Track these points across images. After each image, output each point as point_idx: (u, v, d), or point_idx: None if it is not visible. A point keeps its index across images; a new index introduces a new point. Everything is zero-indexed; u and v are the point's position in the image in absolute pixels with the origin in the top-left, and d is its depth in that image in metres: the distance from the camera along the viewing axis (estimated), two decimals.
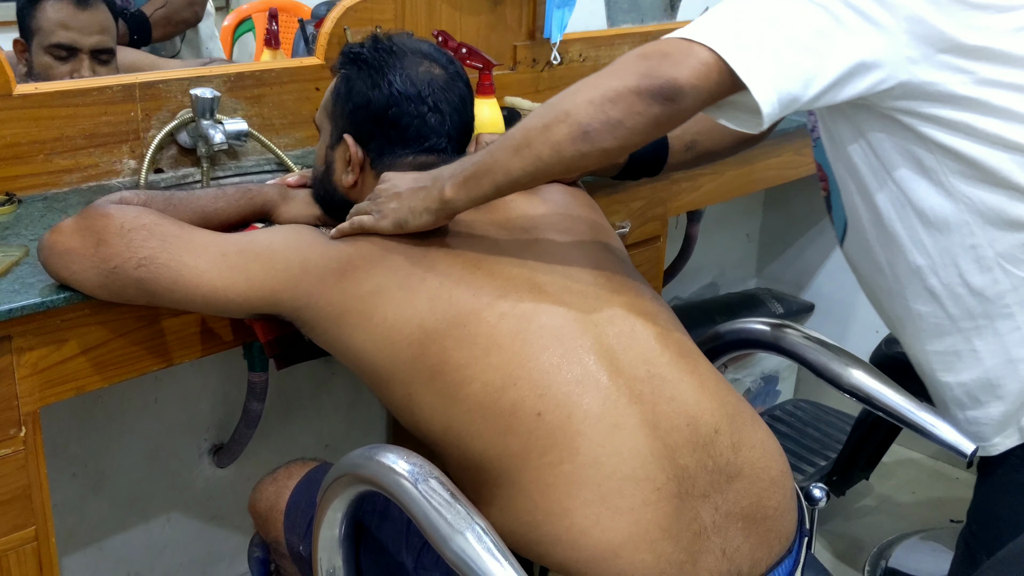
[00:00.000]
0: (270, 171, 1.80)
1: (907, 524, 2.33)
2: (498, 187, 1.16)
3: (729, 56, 1.05)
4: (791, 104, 1.09)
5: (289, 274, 1.23)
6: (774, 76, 1.07)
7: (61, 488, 1.73)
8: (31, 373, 1.27)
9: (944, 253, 1.26)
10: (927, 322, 1.33)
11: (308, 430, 2.08)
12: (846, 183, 1.33)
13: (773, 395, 2.67)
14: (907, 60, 1.13)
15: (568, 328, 1.15)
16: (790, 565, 1.17)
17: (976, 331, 1.29)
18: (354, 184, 1.36)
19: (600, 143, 1.08)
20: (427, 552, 1.15)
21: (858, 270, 1.44)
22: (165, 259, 1.21)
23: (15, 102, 1.52)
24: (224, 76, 1.73)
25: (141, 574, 1.91)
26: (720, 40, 1.06)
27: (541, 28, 2.17)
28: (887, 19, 1.10)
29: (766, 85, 1.06)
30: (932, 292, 1.30)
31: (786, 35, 1.08)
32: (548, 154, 1.10)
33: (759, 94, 1.06)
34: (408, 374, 1.17)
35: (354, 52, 1.35)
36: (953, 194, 1.22)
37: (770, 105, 1.07)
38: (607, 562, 1.05)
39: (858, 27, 1.10)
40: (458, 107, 1.35)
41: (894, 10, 1.11)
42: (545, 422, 1.09)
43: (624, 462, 1.07)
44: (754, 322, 1.53)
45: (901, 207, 1.27)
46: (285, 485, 1.37)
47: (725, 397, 1.19)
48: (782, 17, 1.09)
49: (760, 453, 1.17)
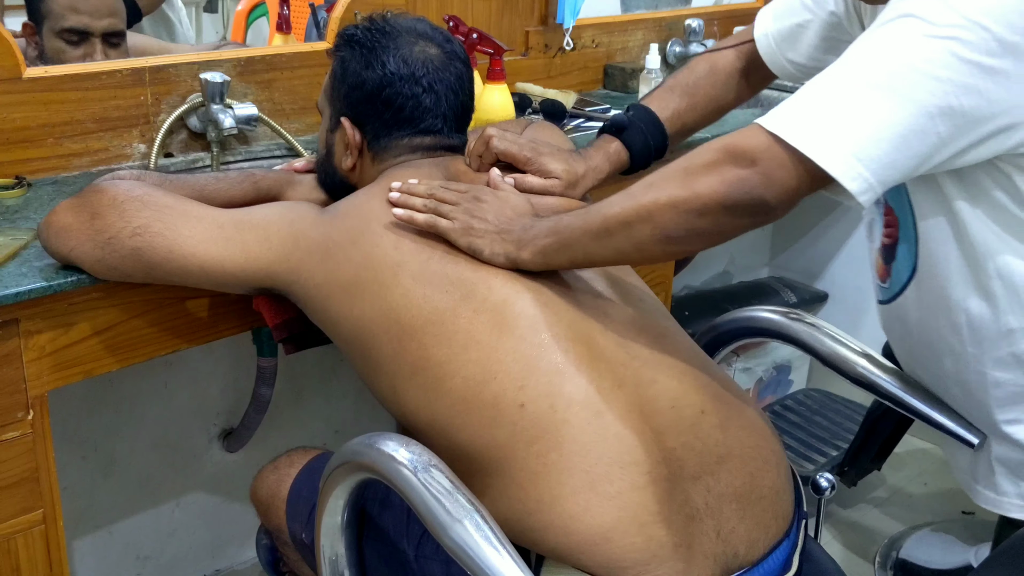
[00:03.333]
0: (280, 156, 1.80)
1: (918, 515, 2.32)
2: (574, 263, 1.17)
3: (827, 165, 0.99)
4: (899, 181, 1.05)
5: (283, 247, 1.23)
6: (877, 173, 1.00)
7: (71, 472, 1.74)
8: (39, 356, 1.27)
9: None
10: (1004, 390, 1.22)
11: (317, 415, 2.08)
12: (936, 233, 1.19)
13: (785, 384, 2.66)
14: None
15: (543, 315, 1.14)
16: (788, 548, 1.15)
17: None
18: (353, 167, 1.36)
19: (685, 247, 1.09)
20: (427, 540, 1.15)
21: (912, 327, 1.30)
22: (159, 228, 1.21)
23: (25, 85, 1.52)
24: (234, 60, 1.73)
25: (150, 558, 1.92)
26: (817, 145, 0.99)
27: (554, 13, 2.17)
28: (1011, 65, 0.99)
29: (869, 189, 1.00)
30: (1020, 358, 1.19)
31: (888, 126, 0.99)
32: (630, 249, 1.09)
33: (863, 197, 1.00)
34: (391, 367, 1.17)
35: (348, 34, 1.35)
36: None
37: (873, 196, 1.02)
38: (598, 547, 1.05)
39: (976, 91, 0.99)
40: (454, 87, 1.34)
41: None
42: (528, 412, 1.09)
43: (610, 448, 1.07)
44: (764, 310, 1.51)
45: (1008, 267, 1.15)
46: (287, 473, 1.37)
47: (709, 378, 1.18)
48: (883, 102, 0.99)
49: (750, 432, 1.16)
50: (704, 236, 1.06)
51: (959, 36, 0.98)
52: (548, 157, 1.34)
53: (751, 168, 1.01)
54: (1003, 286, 1.16)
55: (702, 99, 1.49)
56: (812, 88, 1.04)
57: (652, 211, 1.05)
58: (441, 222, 1.19)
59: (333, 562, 1.21)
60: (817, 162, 0.99)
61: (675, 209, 1.04)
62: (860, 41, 1.04)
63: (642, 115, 1.45)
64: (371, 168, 1.34)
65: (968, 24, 0.97)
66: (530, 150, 1.33)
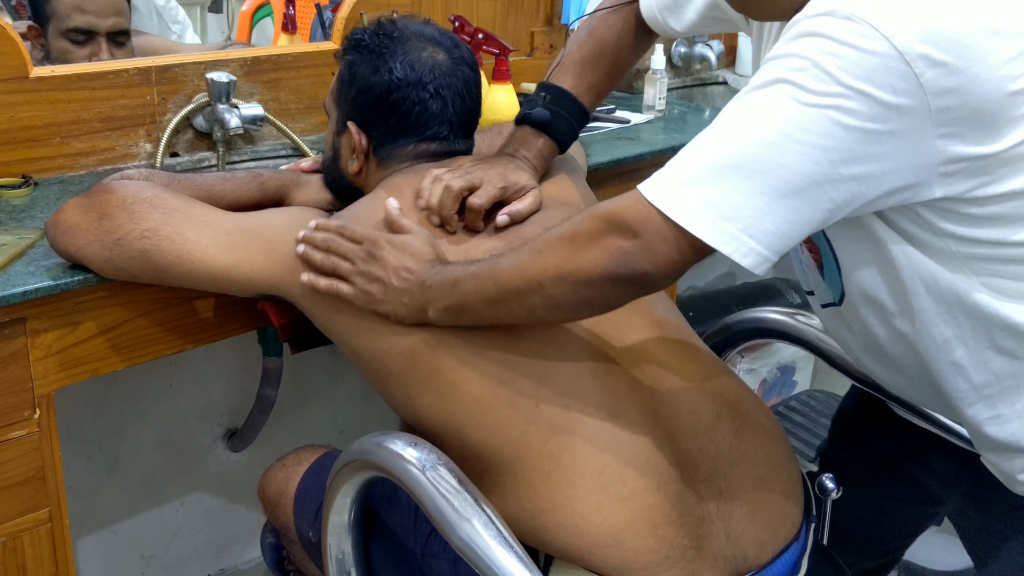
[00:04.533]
0: (286, 156, 1.80)
1: None
2: (477, 324, 1.14)
3: (714, 242, 0.95)
4: (794, 245, 1.01)
5: (288, 260, 1.22)
6: (770, 246, 0.96)
7: (76, 471, 1.74)
8: (45, 355, 1.27)
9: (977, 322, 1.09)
10: (962, 394, 1.14)
11: (322, 416, 2.08)
12: (858, 259, 1.14)
13: (790, 385, 2.66)
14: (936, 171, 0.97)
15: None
16: (797, 551, 1.16)
17: (1001, 395, 1.13)
18: (359, 171, 1.36)
19: (575, 315, 1.09)
20: (435, 539, 1.15)
21: (854, 332, 1.24)
22: (168, 231, 1.21)
23: (31, 85, 1.53)
24: (240, 60, 1.73)
25: (154, 557, 1.92)
26: (700, 221, 0.95)
27: (559, 14, 2.17)
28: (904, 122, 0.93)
29: (764, 261, 0.96)
30: (958, 365, 1.12)
31: (776, 199, 0.94)
32: (524, 316, 1.08)
33: (759, 269, 0.97)
34: (403, 376, 1.16)
35: (356, 38, 1.35)
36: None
37: (769, 265, 0.98)
38: (609, 548, 1.05)
39: (874, 145, 0.94)
40: (461, 92, 1.34)
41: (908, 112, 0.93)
42: (544, 411, 1.09)
43: (625, 449, 1.07)
44: (769, 311, 1.51)
45: (934, 280, 1.08)
46: (295, 471, 1.37)
47: (726, 382, 1.18)
48: (768, 175, 0.94)
49: (763, 437, 1.16)
50: (593, 306, 1.05)
51: (840, 105, 0.92)
52: (513, 176, 1.28)
53: (633, 240, 0.98)
54: (931, 300, 1.09)
55: (610, 66, 1.43)
56: (694, 156, 0.99)
57: (542, 282, 1.04)
58: (342, 288, 1.17)
59: (339, 560, 1.21)
60: (703, 240, 0.96)
61: (563, 281, 1.02)
62: (746, 106, 0.98)
63: (560, 101, 1.38)
64: (377, 172, 1.34)
65: (848, 92, 0.92)
66: (498, 179, 1.26)
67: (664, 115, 2.21)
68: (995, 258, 1.05)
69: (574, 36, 1.46)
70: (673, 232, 0.96)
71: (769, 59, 0.97)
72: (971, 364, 1.11)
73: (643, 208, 0.98)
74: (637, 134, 2.03)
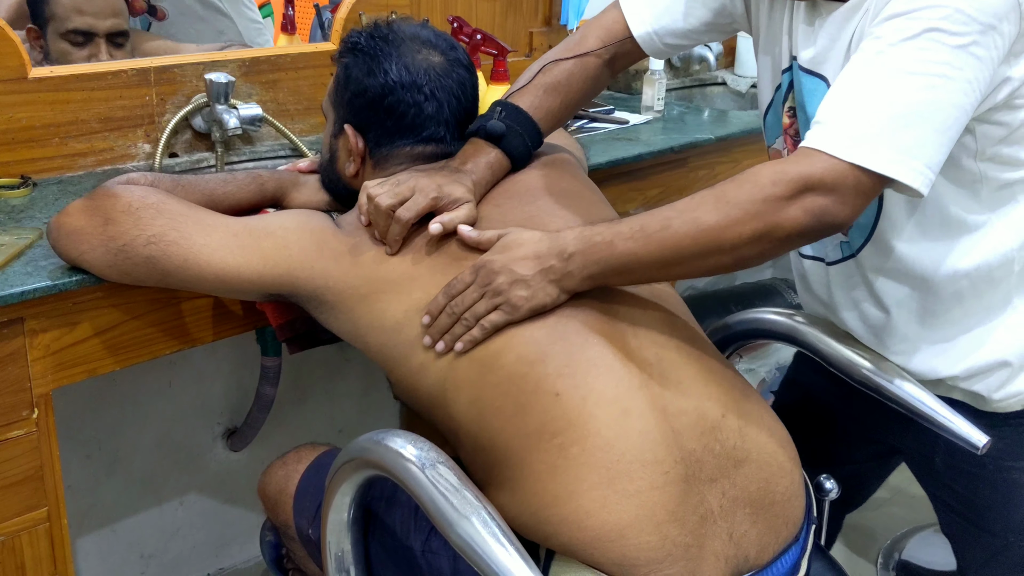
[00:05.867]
0: (284, 156, 1.81)
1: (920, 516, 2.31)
2: (631, 283, 1.21)
3: (908, 179, 1.08)
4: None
5: (305, 254, 1.23)
6: (934, 167, 1.09)
7: (75, 470, 1.74)
8: (43, 355, 1.28)
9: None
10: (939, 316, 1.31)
11: (321, 415, 2.09)
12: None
13: None
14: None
15: (581, 311, 1.15)
16: (797, 552, 1.16)
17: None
18: (356, 174, 1.36)
19: (745, 267, 1.15)
20: (434, 537, 1.16)
21: (859, 285, 1.37)
22: (174, 237, 1.21)
23: (30, 85, 1.53)
24: (239, 61, 1.74)
25: (154, 556, 1.93)
26: (895, 163, 1.08)
27: (558, 14, 2.17)
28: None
29: (929, 182, 1.09)
30: (960, 295, 1.28)
31: (942, 130, 1.10)
32: (696, 273, 1.16)
33: (926, 189, 1.10)
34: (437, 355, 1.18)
35: (352, 40, 1.35)
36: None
37: (930, 184, 1.10)
38: (612, 543, 1.05)
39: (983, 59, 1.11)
40: (456, 93, 1.34)
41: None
42: (561, 402, 1.10)
43: (633, 445, 1.08)
44: (767, 312, 1.51)
45: (953, 213, 1.26)
46: (295, 469, 1.38)
47: (733, 383, 1.19)
48: (936, 101, 1.09)
49: (768, 439, 1.17)
50: (766, 257, 1.12)
51: (979, 41, 1.09)
52: (448, 187, 1.26)
53: (831, 196, 1.08)
54: (946, 231, 1.26)
55: (573, 96, 1.46)
56: (870, 110, 1.09)
57: (736, 244, 1.09)
58: (498, 321, 1.16)
59: (339, 558, 1.21)
60: (906, 183, 1.08)
61: (759, 241, 1.09)
62: (904, 57, 1.10)
63: (517, 118, 1.39)
64: (373, 174, 1.35)
65: (984, 29, 1.09)
66: (432, 189, 1.24)
67: (663, 116, 2.21)
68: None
69: (530, 68, 1.48)
70: (871, 181, 1.08)
71: (901, 13, 1.11)
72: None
73: (838, 165, 1.08)
74: (636, 134, 2.03)
